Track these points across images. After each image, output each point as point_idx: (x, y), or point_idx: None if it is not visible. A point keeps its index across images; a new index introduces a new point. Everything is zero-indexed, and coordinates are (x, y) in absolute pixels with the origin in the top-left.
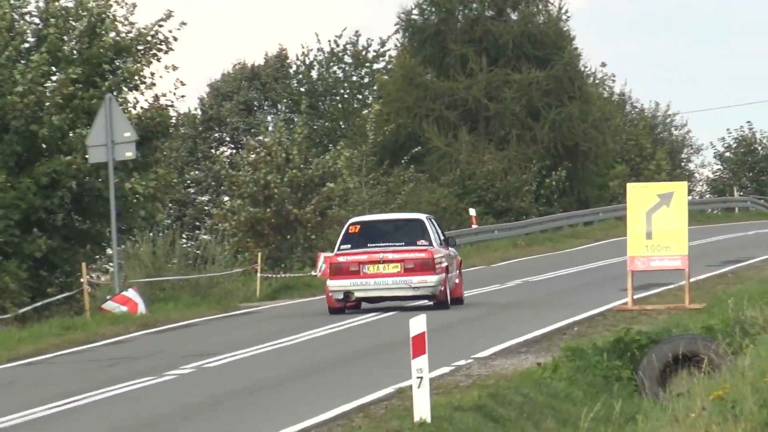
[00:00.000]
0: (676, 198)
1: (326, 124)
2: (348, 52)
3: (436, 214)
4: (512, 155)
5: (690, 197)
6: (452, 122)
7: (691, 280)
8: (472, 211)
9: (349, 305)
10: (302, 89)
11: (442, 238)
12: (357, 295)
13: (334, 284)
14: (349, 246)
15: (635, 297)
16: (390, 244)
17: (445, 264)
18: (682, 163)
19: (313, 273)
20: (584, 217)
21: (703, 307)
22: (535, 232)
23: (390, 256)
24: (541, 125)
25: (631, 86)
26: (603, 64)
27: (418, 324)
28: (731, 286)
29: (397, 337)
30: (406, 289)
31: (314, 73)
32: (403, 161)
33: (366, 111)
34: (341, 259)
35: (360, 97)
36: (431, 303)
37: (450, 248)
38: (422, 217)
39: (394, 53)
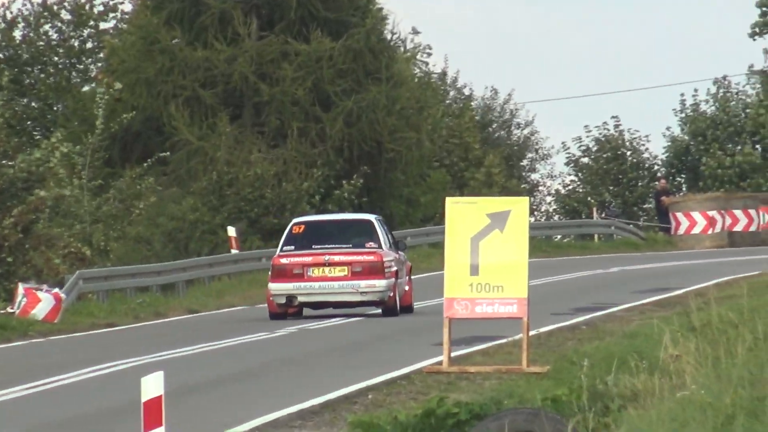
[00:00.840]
0: (513, 219)
1: (34, 105)
2: (66, 5)
3: (183, 232)
4: (290, 155)
5: (533, 218)
6: (209, 106)
7: (532, 333)
8: (232, 231)
9: (291, 311)
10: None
11: (391, 241)
12: (300, 299)
13: (275, 287)
14: (292, 247)
15: (454, 354)
16: (336, 245)
17: (394, 268)
18: (524, 173)
19: (10, 310)
20: None
21: (546, 371)
22: None
23: (336, 258)
24: (332, 116)
25: (458, 65)
26: (415, 32)
27: (152, 385)
28: (585, 343)
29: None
30: (353, 294)
31: (17, 34)
32: (148, 161)
33: (90, 87)
34: (284, 260)
35: (81, 67)
36: (379, 310)
37: (400, 252)
38: (371, 217)
39: (128, 8)
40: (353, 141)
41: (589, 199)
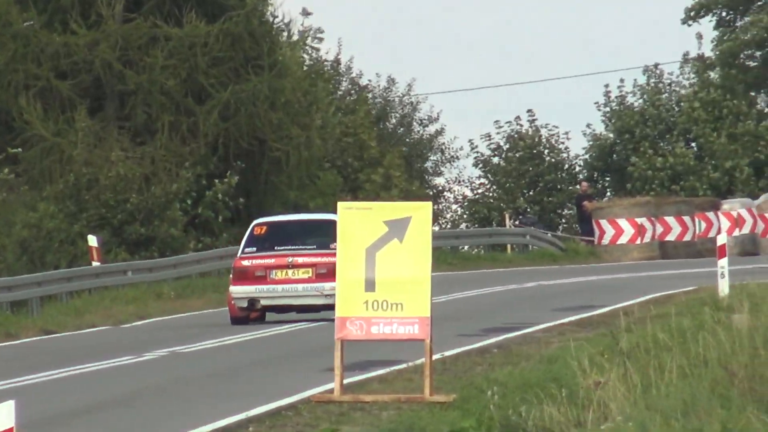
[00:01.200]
0: (414, 227)
1: None
2: None
3: (38, 241)
4: (159, 154)
5: (437, 227)
6: (66, 98)
7: (435, 357)
8: (93, 240)
9: (253, 316)
10: None
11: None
12: (263, 302)
13: (237, 290)
14: (254, 249)
15: (347, 381)
16: (300, 247)
17: None
18: (428, 176)
19: None
20: None
21: (452, 400)
22: (191, 275)
23: (300, 260)
24: (206, 109)
25: (351, 51)
26: (305, 13)
27: (2, 416)
28: (497, 369)
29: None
30: (317, 297)
31: None
32: None
33: None
34: (245, 262)
35: None
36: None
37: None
38: (336, 218)
39: None
40: (230, 137)
41: (501, 204)
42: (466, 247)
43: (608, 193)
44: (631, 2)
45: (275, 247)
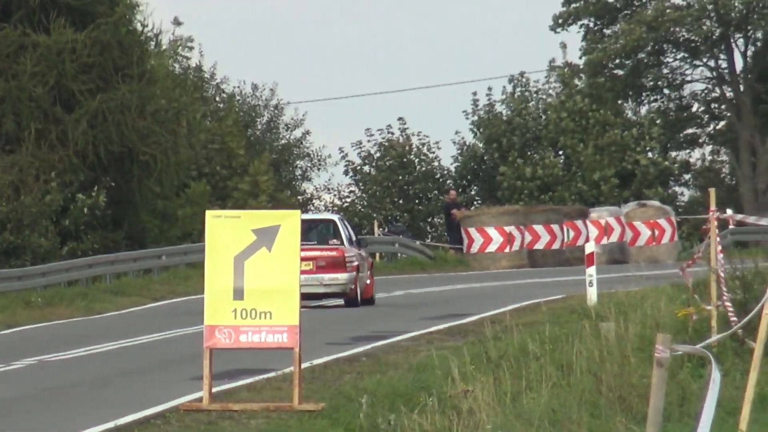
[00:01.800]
0: (283, 236)
1: None
2: None
3: None
4: (27, 162)
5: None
6: None
7: (304, 365)
8: None
9: None
10: None
11: (354, 239)
12: None
13: None
14: None
15: (216, 389)
16: (303, 242)
17: (356, 263)
18: (295, 182)
19: None
20: (138, 262)
21: (321, 409)
22: (59, 283)
23: (303, 254)
24: (75, 117)
25: (216, 58)
26: (177, 23)
27: None
28: (366, 377)
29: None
30: (317, 286)
31: None
32: None
33: None
34: None
35: None
36: (341, 301)
37: (362, 249)
38: (335, 217)
39: None
40: (99, 145)
41: (370, 212)
42: None
43: (477, 202)
44: (499, 11)
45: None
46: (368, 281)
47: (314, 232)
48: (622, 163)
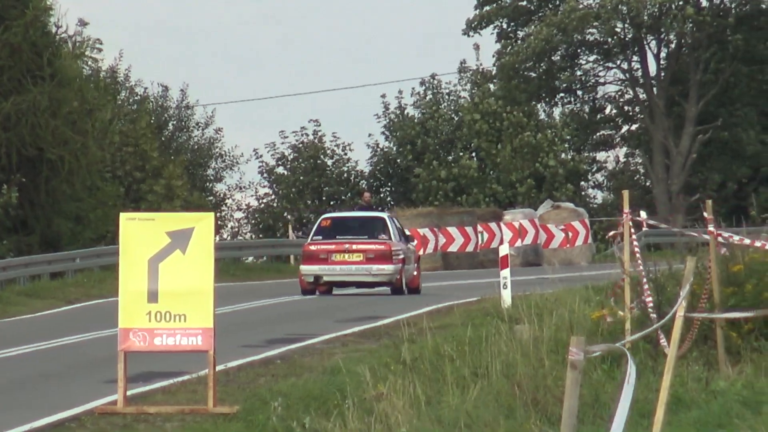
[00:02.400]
0: (197, 238)
1: None
2: None
3: None
4: None
5: (219, 237)
6: None
7: (219, 368)
8: None
9: (321, 290)
10: None
11: (401, 235)
12: (325, 278)
13: (306, 269)
14: (320, 237)
15: (130, 393)
16: (355, 237)
17: (402, 256)
18: (209, 183)
19: None
20: (52, 265)
21: (235, 412)
22: None
23: (354, 246)
24: None
25: (130, 60)
26: (82, 24)
27: None
28: (280, 380)
29: None
30: (366, 275)
31: None
32: None
33: None
34: (312, 247)
35: None
36: (389, 289)
37: (409, 244)
38: (384, 215)
39: None
40: (12, 147)
41: (285, 214)
42: (249, 258)
43: (390, 203)
44: (411, 14)
45: (336, 236)
46: (415, 273)
47: (366, 227)
48: (536, 165)
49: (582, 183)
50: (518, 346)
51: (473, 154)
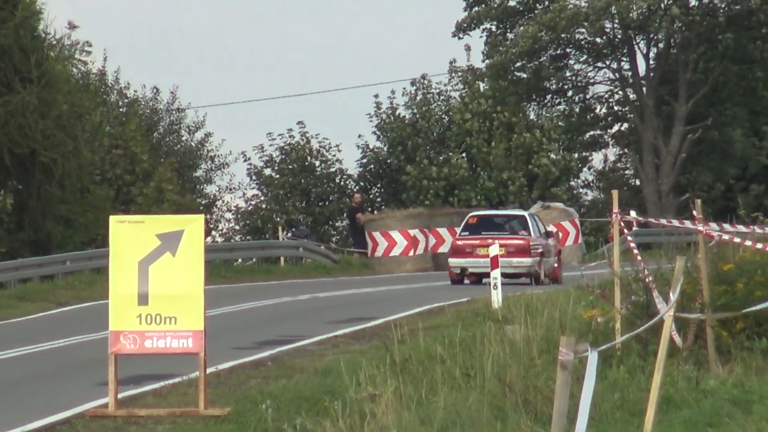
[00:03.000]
0: (187, 240)
1: None
2: None
3: None
4: None
5: (210, 240)
6: None
7: (210, 370)
8: None
9: (471, 279)
10: None
11: (542, 231)
12: (470, 270)
13: (453, 261)
14: (467, 233)
15: (121, 395)
16: (498, 232)
17: (540, 250)
18: (199, 185)
19: None
20: (43, 268)
21: (227, 414)
22: None
23: (498, 241)
24: None
25: (115, 62)
26: (72, 26)
27: None
28: (272, 382)
29: None
30: (507, 267)
31: None
32: None
33: None
34: (460, 242)
35: None
36: (529, 280)
37: (549, 239)
38: (525, 213)
39: None
40: (2, 149)
41: (274, 216)
42: (239, 260)
43: (380, 204)
44: (401, 16)
45: (481, 232)
46: (555, 265)
47: (508, 224)
48: (528, 166)
49: (572, 183)
50: (509, 347)
51: (463, 155)
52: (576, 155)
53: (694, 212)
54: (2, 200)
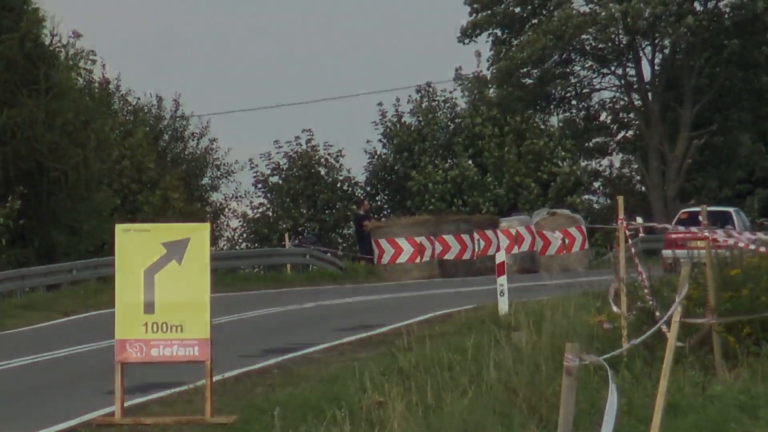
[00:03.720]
0: (192, 249)
1: None
2: None
3: None
4: None
5: (216, 248)
6: None
7: (216, 378)
8: None
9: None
10: None
11: (747, 225)
12: (682, 261)
13: (666, 253)
14: (681, 227)
15: (128, 404)
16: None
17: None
18: (205, 193)
19: None
20: (48, 277)
21: (233, 422)
22: None
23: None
24: None
25: (118, 70)
26: (76, 35)
27: None
28: (278, 389)
29: None
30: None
31: None
32: None
33: None
34: (673, 236)
35: None
36: None
37: (756, 234)
38: (731, 210)
39: None
40: (8, 161)
41: (280, 223)
42: (244, 268)
43: (386, 211)
44: (407, 24)
45: (691, 227)
46: None
47: (716, 220)
48: (537, 173)
49: (585, 197)
50: (515, 353)
51: (470, 162)
52: (584, 164)
53: (700, 218)
54: (11, 206)
